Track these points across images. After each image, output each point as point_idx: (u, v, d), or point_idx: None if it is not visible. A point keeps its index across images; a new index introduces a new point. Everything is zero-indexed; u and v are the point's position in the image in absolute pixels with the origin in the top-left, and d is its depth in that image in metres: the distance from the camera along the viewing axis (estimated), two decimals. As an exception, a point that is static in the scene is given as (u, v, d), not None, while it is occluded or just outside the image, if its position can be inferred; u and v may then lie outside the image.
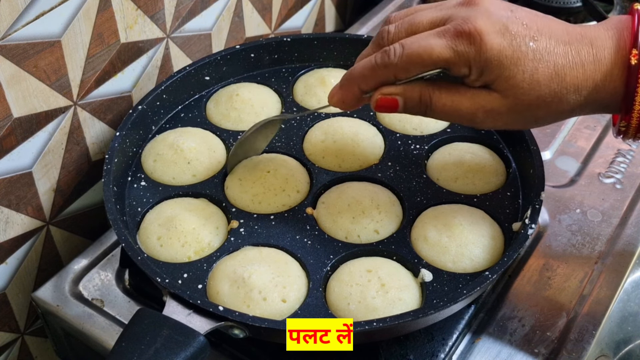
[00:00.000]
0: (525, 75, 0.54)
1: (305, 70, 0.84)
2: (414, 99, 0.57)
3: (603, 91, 0.55)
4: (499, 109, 0.56)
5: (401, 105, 0.58)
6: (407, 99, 0.57)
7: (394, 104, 0.58)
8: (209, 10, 0.86)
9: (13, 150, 0.68)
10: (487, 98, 0.56)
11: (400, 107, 0.58)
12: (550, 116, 0.57)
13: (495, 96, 0.56)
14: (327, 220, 0.67)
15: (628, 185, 0.81)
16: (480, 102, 0.56)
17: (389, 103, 0.58)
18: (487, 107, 0.56)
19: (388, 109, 0.58)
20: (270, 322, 0.56)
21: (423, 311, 0.57)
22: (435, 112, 0.58)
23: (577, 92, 0.55)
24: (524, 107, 0.56)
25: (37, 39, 0.65)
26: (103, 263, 0.74)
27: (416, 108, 0.58)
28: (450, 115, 0.58)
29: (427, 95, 0.57)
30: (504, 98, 0.56)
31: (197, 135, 0.75)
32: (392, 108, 0.58)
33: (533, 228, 0.63)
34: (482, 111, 0.57)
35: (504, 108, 0.56)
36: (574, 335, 0.67)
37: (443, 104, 0.57)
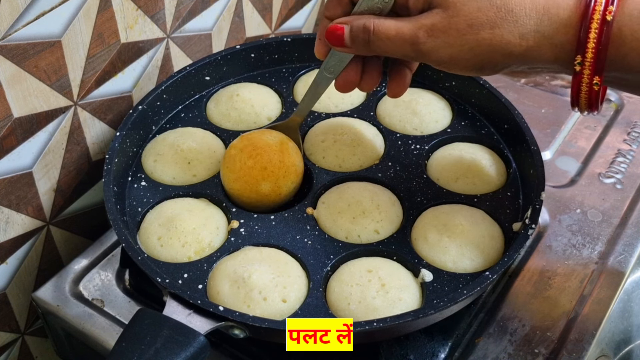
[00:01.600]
0: None
1: (306, 70, 0.84)
2: (358, 26, 0.58)
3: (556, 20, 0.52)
4: (439, 23, 0.55)
5: (347, 33, 0.59)
6: (353, 26, 0.58)
7: (340, 30, 0.59)
8: (209, 11, 0.86)
9: (13, 150, 0.68)
10: (428, 16, 0.55)
11: (346, 34, 0.59)
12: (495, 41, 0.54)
13: (436, 11, 0.55)
14: (328, 220, 0.67)
15: (628, 185, 0.81)
16: (422, 21, 0.55)
17: (337, 30, 0.59)
18: (428, 24, 0.55)
19: (336, 38, 0.59)
20: (271, 322, 0.56)
21: (423, 311, 0.57)
22: (379, 39, 0.57)
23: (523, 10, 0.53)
24: (465, 23, 0.54)
25: (38, 39, 0.65)
26: (103, 263, 0.74)
27: (360, 35, 0.58)
28: (393, 40, 0.57)
29: (371, 22, 0.57)
30: (443, 11, 0.54)
31: (197, 135, 0.75)
32: (340, 36, 0.59)
33: (533, 228, 0.63)
34: (424, 30, 0.55)
35: (444, 22, 0.54)
36: (574, 336, 0.67)
37: (387, 27, 0.57)
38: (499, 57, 0.54)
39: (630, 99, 0.92)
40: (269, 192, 0.68)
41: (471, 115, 0.79)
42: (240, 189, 0.68)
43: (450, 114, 0.80)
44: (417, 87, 0.82)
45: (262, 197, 0.68)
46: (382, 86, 0.82)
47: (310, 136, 0.76)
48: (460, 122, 0.78)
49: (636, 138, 0.87)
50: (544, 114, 0.90)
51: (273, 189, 0.68)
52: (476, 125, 0.78)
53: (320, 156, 0.74)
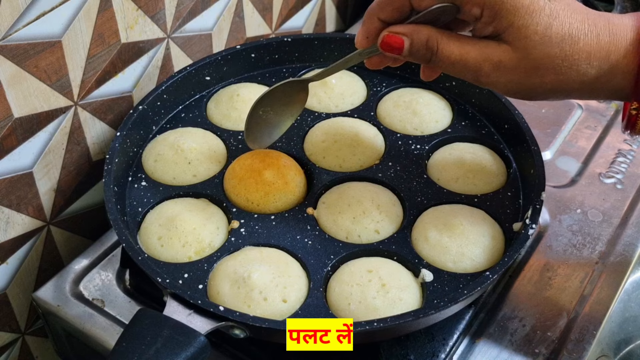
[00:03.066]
0: (538, 28, 0.53)
1: (306, 70, 0.84)
2: (420, 42, 0.56)
3: (616, 67, 0.54)
4: (507, 62, 0.54)
5: (407, 47, 0.56)
6: (414, 40, 0.56)
7: (400, 43, 0.56)
8: (210, 11, 0.86)
9: (14, 151, 0.68)
10: (496, 49, 0.54)
11: (405, 49, 0.56)
12: (557, 85, 0.55)
13: (504, 48, 0.54)
14: (328, 221, 0.67)
15: (629, 185, 0.81)
16: (489, 53, 0.55)
17: (395, 42, 0.56)
18: (495, 59, 0.54)
19: (393, 49, 0.57)
20: (271, 322, 0.56)
21: (424, 311, 0.57)
22: (441, 60, 0.56)
23: (589, 61, 0.53)
24: (532, 65, 0.54)
25: (38, 39, 0.65)
26: (104, 263, 0.74)
27: (421, 52, 0.56)
28: (455, 65, 0.56)
29: (435, 39, 0.55)
30: (513, 50, 0.54)
31: (197, 136, 0.75)
32: (398, 48, 0.56)
33: (534, 228, 0.63)
34: (489, 63, 0.55)
35: (512, 62, 0.54)
36: (575, 336, 0.67)
37: (450, 51, 0.55)
38: (555, 97, 0.57)
39: (631, 99, 0.92)
40: (273, 180, 0.68)
41: (471, 115, 0.79)
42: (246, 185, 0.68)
43: (450, 114, 0.80)
44: (417, 87, 0.82)
45: (269, 186, 0.68)
46: (383, 86, 0.82)
47: (311, 136, 0.76)
48: (460, 122, 0.78)
49: (636, 138, 0.87)
50: (544, 114, 0.90)
51: (277, 177, 0.68)
52: (476, 125, 0.78)
53: (320, 156, 0.74)
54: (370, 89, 0.82)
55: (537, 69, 0.54)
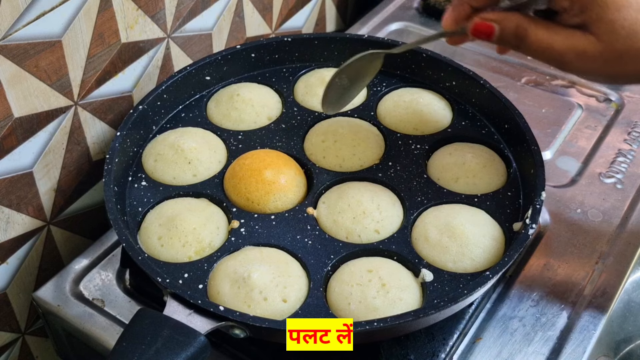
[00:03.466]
0: (625, 22, 0.54)
1: (306, 70, 0.84)
2: (510, 29, 0.58)
3: None
4: (591, 52, 0.56)
5: (497, 33, 0.58)
6: (504, 27, 0.58)
7: (490, 30, 0.58)
8: (210, 10, 0.86)
9: (14, 150, 0.68)
10: (581, 39, 0.56)
11: (495, 35, 0.58)
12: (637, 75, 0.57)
13: (590, 39, 0.56)
14: (328, 220, 0.67)
15: (629, 185, 0.81)
16: (574, 43, 0.56)
17: (486, 28, 0.58)
18: (580, 49, 0.56)
19: (484, 35, 0.59)
20: (271, 322, 0.56)
21: (424, 311, 0.57)
22: (528, 47, 0.58)
23: None
24: (615, 56, 0.56)
25: (38, 39, 0.65)
26: (104, 263, 0.74)
27: (510, 38, 0.58)
28: (542, 52, 0.58)
29: (524, 27, 0.57)
30: (598, 42, 0.56)
31: (197, 135, 0.75)
32: (488, 34, 0.58)
33: (534, 228, 0.63)
34: (574, 52, 0.56)
35: (597, 52, 0.56)
36: (575, 335, 0.67)
37: (538, 38, 0.57)
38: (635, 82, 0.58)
39: (631, 99, 0.92)
40: (273, 179, 0.68)
41: (471, 115, 0.79)
42: (246, 185, 0.68)
43: (450, 114, 0.80)
44: (417, 87, 0.82)
45: (269, 185, 0.68)
46: (383, 86, 0.82)
47: (311, 136, 0.76)
48: (460, 122, 0.78)
49: (636, 138, 0.87)
50: (544, 114, 0.90)
51: (277, 176, 0.69)
52: (476, 125, 0.78)
53: (320, 156, 0.74)
54: (371, 89, 0.82)
55: (621, 59, 0.56)
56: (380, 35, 1.02)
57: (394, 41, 0.83)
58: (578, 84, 0.94)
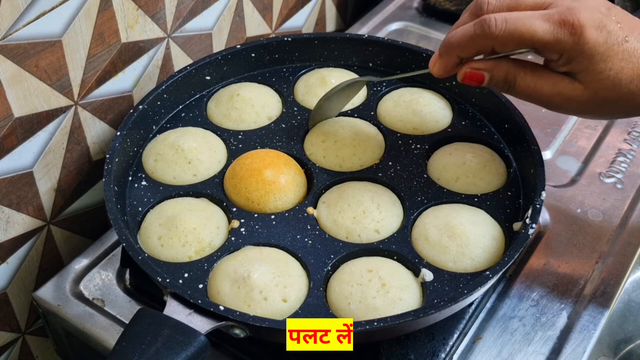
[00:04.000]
0: (611, 72, 0.57)
1: (306, 70, 0.84)
2: (500, 77, 0.61)
3: None
4: (577, 98, 0.59)
5: (487, 81, 0.61)
6: (494, 75, 0.61)
7: (480, 78, 0.61)
8: (210, 10, 0.86)
9: (14, 150, 0.68)
10: (568, 86, 0.59)
11: (485, 83, 0.61)
12: (623, 112, 0.61)
13: (577, 86, 0.59)
14: (328, 220, 0.68)
15: (629, 185, 0.81)
16: (561, 89, 0.59)
17: (477, 77, 0.61)
18: (567, 95, 0.59)
19: (474, 82, 0.61)
20: (271, 321, 0.56)
21: (424, 311, 0.57)
22: (517, 92, 0.61)
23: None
24: (601, 101, 0.59)
25: (38, 38, 0.65)
26: (104, 263, 0.74)
27: (500, 85, 0.61)
28: (529, 96, 0.61)
29: (513, 75, 0.60)
30: (585, 89, 0.58)
31: (197, 135, 0.75)
32: (478, 82, 0.61)
33: (534, 228, 0.63)
34: (561, 97, 0.59)
35: (583, 98, 0.59)
36: (575, 335, 0.67)
37: (526, 85, 0.60)
38: (623, 116, 0.62)
39: (631, 99, 0.92)
40: (274, 179, 0.68)
41: (471, 114, 0.79)
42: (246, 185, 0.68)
43: (450, 114, 0.80)
44: (417, 87, 0.82)
45: (269, 185, 0.68)
46: (383, 86, 0.82)
47: (311, 136, 0.76)
48: (460, 122, 0.78)
49: (637, 138, 0.87)
50: (544, 114, 0.90)
51: (277, 176, 0.69)
52: (476, 125, 0.78)
53: (320, 156, 0.74)
54: (371, 89, 0.82)
55: (605, 103, 0.59)
56: (380, 35, 1.02)
57: (394, 41, 0.83)
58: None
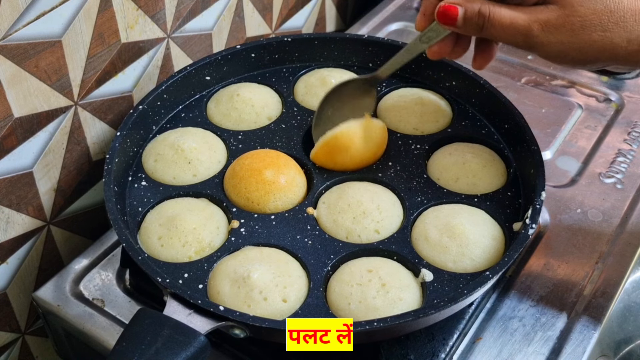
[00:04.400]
0: None
1: (306, 70, 0.84)
2: (473, 10, 0.60)
3: None
4: (554, 20, 0.58)
5: (460, 14, 0.61)
6: (468, 9, 0.60)
7: (454, 12, 0.61)
8: (210, 10, 0.86)
9: (14, 150, 0.68)
10: (544, 11, 0.58)
11: (459, 17, 0.61)
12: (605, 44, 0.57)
13: (551, 8, 0.58)
14: (328, 220, 0.68)
15: (629, 185, 0.81)
16: (537, 15, 0.58)
17: (451, 11, 0.61)
18: (543, 19, 0.58)
19: (449, 19, 0.61)
20: (271, 322, 0.56)
21: (424, 311, 0.57)
22: (493, 26, 0.60)
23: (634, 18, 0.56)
24: (579, 23, 0.57)
25: (38, 39, 0.65)
26: (104, 263, 0.74)
27: (474, 19, 0.60)
28: (506, 29, 0.60)
29: (487, 7, 0.60)
30: (560, 8, 0.57)
31: (197, 135, 0.75)
32: (453, 17, 0.61)
33: (534, 228, 0.63)
34: (538, 23, 0.58)
35: (560, 20, 0.58)
36: (575, 335, 0.67)
37: (501, 16, 0.59)
38: (604, 57, 0.59)
39: (631, 99, 0.92)
40: (273, 179, 0.68)
41: (471, 115, 0.79)
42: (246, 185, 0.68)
43: (450, 114, 0.80)
44: (418, 87, 0.82)
45: (269, 185, 0.68)
46: (383, 86, 0.82)
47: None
48: (460, 122, 0.78)
49: (636, 138, 0.87)
50: (544, 114, 0.90)
51: (277, 176, 0.69)
52: (476, 125, 0.78)
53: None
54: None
55: (584, 26, 0.57)
56: (380, 35, 1.03)
57: (394, 41, 0.83)
58: (578, 84, 0.94)
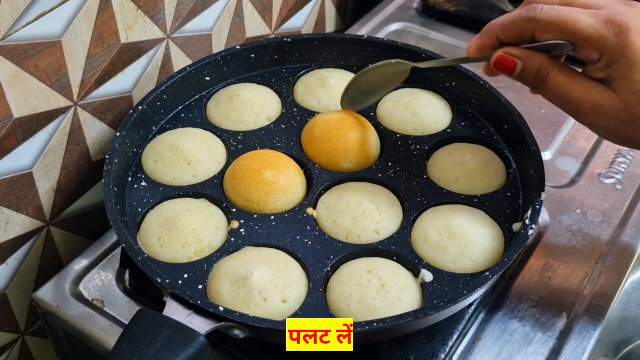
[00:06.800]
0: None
1: (306, 70, 0.84)
2: (532, 68, 0.59)
3: None
4: (608, 108, 0.57)
5: (518, 69, 0.59)
6: (527, 65, 0.59)
7: (512, 65, 0.59)
8: (209, 11, 0.86)
9: (13, 151, 0.68)
10: (601, 94, 0.57)
11: (516, 71, 0.59)
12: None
13: (609, 94, 0.56)
14: (328, 221, 0.68)
15: (628, 185, 0.81)
16: (593, 96, 0.57)
17: (509, 63, 0.59)
18: (597, 103, 0.57)
19: (505, 69, 0.60)
20: (271, 322, 0.56)
21: (423, 311, 0.57)
22: (546, 89, 0.59)
23: None
24: (631, 119, 0.56)
25: (38, 39, 0.65)
26: (103, 263, 0.74)
27: (530, 77, 0.59)
28: (558, 97, 0.59)
29: (546, 69, 0.58)
30: (618, 100, 0.56)
31: (197, 136, 0.75)
32: (510, 69, 0.59)
33: (533, 228, 0.63)
34: (591, 105, 0.57)
35: (613, 110, 0.56)
36: (574, 336, 0.67)
37: (557, 83, 0.58)
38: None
39: (630, 99, 0.92)
40: (273, 180, 0.68)
41: (471, 115, 0.79)
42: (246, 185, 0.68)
43: (450, 114, 0.80)
44: (417, 87, 0.82)
45: (268, 186, 0.68)
46: (382, 86, 0.82)
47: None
48: (460, 122, 0.78)
49: None
50: (544, 114, 0.90)
51: (277, 176, 0.69)
52: (476, 126, 0.78)
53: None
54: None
55: (634, 122, 0.56)
56: (380, 36, 1.03)
57: (394, 41, 0.83)
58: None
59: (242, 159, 0.72)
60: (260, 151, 0.73)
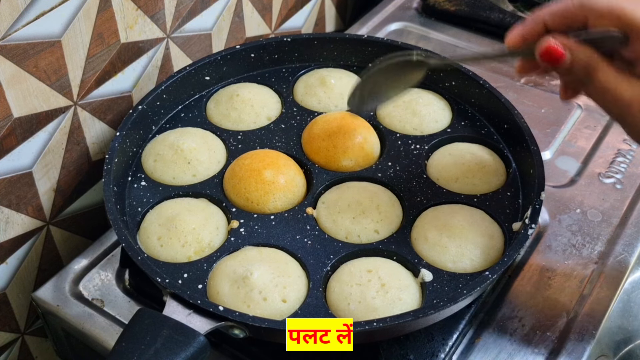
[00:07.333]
0: None
1: (306, 70, 0.84)
2: (581, 61, 0.54)
3: None
4: None
5: (567, 61, 0.54)
6: (575, 57, 0.54)
7: (560, 55, 0.54)
8: (209, 10, 0.86)
9: (13, 150, 0.68)
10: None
11: (565, 62, 0.54)
12: None
13: None
14: (328, 220, 0.68)
15: (628, 185, 0.81)
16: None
17: (557, 53, 0.54)
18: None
19: (552, 59, 0.55)
20: (270, 322, 0.56)
21: (423, 311, 0.57)
22: (594, 86, 0.55)
23: None
24: None
25: (38, 39, 0.65)
26: (103, 263, 0.74)
27: (579, 71, 0.55)
28: (606, 94, 0.55)
29: (595, 63, 0.54)
30: None
31: (197, 135, 0.75)
32: (557, 59, 0.54)
33: (533, 228, 0.63)
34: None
35: None
36: (574, 335, 0.67)
37: (606, 79, 0.54)
38: None
39: (630, 99, 0.92)
40: (273, 179, 0.68)
41: (471, 115, 0.79)
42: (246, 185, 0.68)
43: (450, 114, 0.80)
44: (417, 87, 0.82)
45: (268, 185, 0.68)
46: (382, 86, 0.82)
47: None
48: (460, 122, 0.78)
49: None
50: (543, 114, 0.90)
51: (277, 176, 0.69)
52: (476, 125, 0.78)
53: None
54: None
55: None
56: (380, 36, 1.02)
57: (394, 41, 0.83)
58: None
59: (242, 158, 0.72)
60: (260, 151, 0.73)
